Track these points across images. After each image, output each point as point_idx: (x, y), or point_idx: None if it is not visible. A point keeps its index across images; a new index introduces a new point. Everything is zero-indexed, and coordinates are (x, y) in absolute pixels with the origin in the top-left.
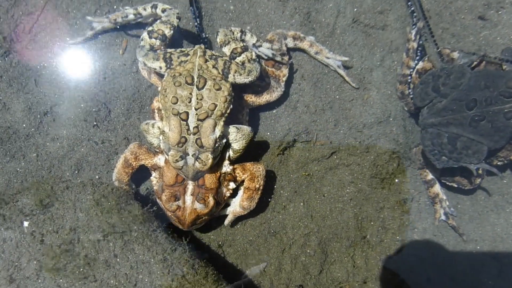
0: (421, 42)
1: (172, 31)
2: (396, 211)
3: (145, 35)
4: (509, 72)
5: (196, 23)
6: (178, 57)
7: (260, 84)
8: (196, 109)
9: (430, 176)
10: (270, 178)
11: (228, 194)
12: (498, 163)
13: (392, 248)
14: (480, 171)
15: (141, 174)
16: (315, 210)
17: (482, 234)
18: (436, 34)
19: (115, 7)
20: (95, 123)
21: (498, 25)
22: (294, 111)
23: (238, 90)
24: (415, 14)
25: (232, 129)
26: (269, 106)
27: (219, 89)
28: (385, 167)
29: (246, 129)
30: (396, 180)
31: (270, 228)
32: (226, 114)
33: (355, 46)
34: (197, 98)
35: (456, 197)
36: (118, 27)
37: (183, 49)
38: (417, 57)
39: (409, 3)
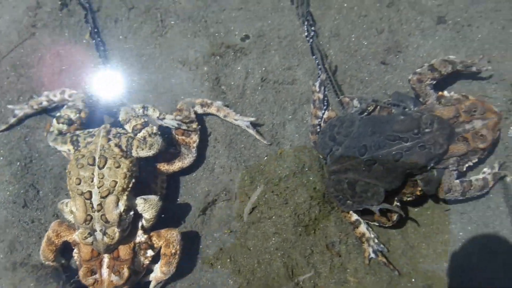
0: (325, 92)
1: (78, 115)
2: (326, 255)
3: (54, 121)
4: (393, 117)
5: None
6: (85, 139)
7: (173, 152)
8: (98, 188)
9: (354, 217)
10: (194, 238)
11: (147, 262)
12: (408, 199)
13: None
14: (395, 208)
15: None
16: (242, 264)
17: (415, 267)
18: (346, 82)
19: (33, 95)
20: (24, 204)
21: (397, 68)
22: (212, 173)
23: (151, 161)
24: (319, 66)
25: (139, 200)
26: (188, 170)
27: (119, 166)
28: (306, 215)
29: (154, 198)
30: (321, 225)
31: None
32: (128, 189)
33: (265, 103)
34: (98, 177)
35: (387, 233)
36: (39, 111)
37: (90, 130)
38: (324, 107)
39: (313, 57)
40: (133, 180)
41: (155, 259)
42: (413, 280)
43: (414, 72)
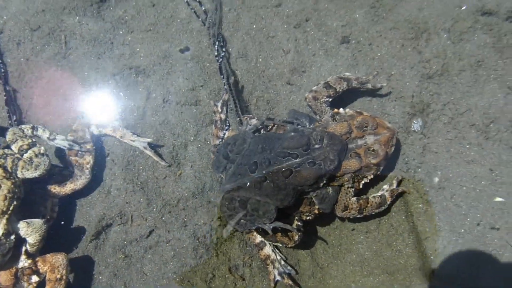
0: (227, 113)
1: None
2: (228, 279)
3: None
4: (284, 134)
5: None
6: None
7: (64, 173)
8: None
9: (258, 239)
10: (86, 264)
11: (31, 287)
12: (307, 218)
13: None
14: (288, 227)
15: None
16: None
17: None
18: (252, 102)
19: None
20: None
21: (301, 88)
22: (108, 196)
23: (41, 183)
24: (224, 82)
25: (21, 224)
26: (83, 193)
27: None
28: (207, 237)
29: (38, 222)
30: (224, 248)
31: None
32: (9, 212)
33: (167, 124)
34: None
35: (296, 255)
36: None
37: None
38: (226, 127)
39: (222, 77)
40: (15, 203)
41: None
42: None
43: (310, 90)
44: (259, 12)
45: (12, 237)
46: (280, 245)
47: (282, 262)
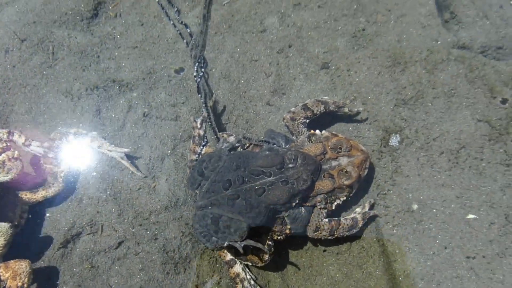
0: (205, 129)
1: None
2: None
3: None
4: (259, 153)
5: None
6: None
7: (37, 181)
8: None
9: (229, 257)
10: (51, 273)
11: None
12: (278, 237)
13: None
14: (259, 245)
15: None
16: None
17: None
18: (231, 121)
19: None
20: None
21: (280, 109)
22: (80, 204)
23: (12, 188)
24: (202, 100)
25: None
26: (55, 201)
27: None
28: (177, 252)
29: (4, 226)
30: (193, 264)
31: None
32: None
33: (145, 137)
34: None
35: (267, 275)
36: None
37: None
38: (203, 143)
39: (199, 95)
40: None
41: None
42: None
43: (289, 111)
44: (244, 37)
45: None
46: (250, 264)
47: (252, 282)
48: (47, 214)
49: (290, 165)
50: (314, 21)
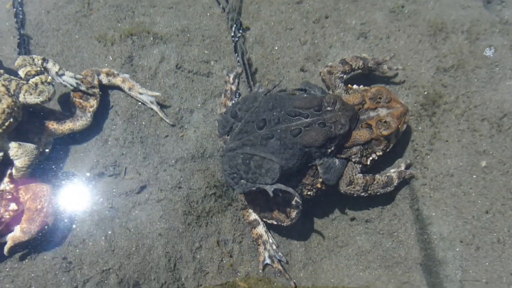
0: (239, 85)
1: None
2: (215, 252)
3: None
4: (295, 96)
5: None
6: None
7: (64, 113)
8: None
9: (252, 217)
10: (68, 210)
11: (7, 216)
12: (309, 192)
13: None
14: (290, 189)
15: None
16: (118, 246)
17: (315, 282)
18: (263, 84)
19: None
20: None
21: (314, 75)
22: (105, 145)
23: (40, 116)
24: (239, 62)
25: (13, 144)
26: (79, 139)
27: None
28: (200, 204)
29: (30, 146)
30: (215, 219)
31: (63, 263)
32: (3, 127)
33: (176, 88)
34: None
35: (290, 245)
36: None
37: None
38: (235, 98)
39: (236, 54)
40: (11, 120)
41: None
42: None
43: (326, 65)
44: (280, 7)
45: (1, 153)
46: (275, 222)
47: (274, 247)
48: (71, 151)
49: (328, 108)
50: None
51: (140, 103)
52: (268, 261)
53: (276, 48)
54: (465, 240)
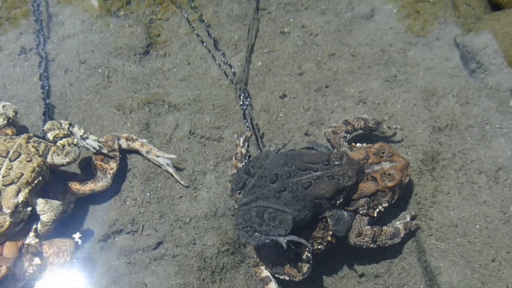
0: (248, 148)
1: (5, 121)
2: None
3: None
4: (304, 152)
5: None
6: (5, 140)
7: (86, 175)
8: (3, 177)
9: (264, 273)
10: (88, 265)
11: (30, 270)
12: (319, 246)
13: None
14: (302, 241)
15: None
16: None
17: None
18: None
19: None
20: None
21: (318, 138)
22: (123, 205)
23: (64, 177)
24: (248, 127)
25: (40, 200)
26: (99, 200)
27: (30, 160)
28: (214, 260)
29: (56, 202)
30: (228, 275)
31: None
32: (33, 184)
33: (190, 152)
34: (6, 168)
35: None
36: None
37: (13, 136)
38: (245, 160)
39: (244, 120)
40: (40, 179)
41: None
42: None
43: (330, 126)
44: (283, 78)
45: (29, 209)
46: (288, 278)
47: None
48: (91, 210)
49: (336, 163)
50: (348, 67)
51: (156, 166)
52: None
53: (281, 115)
54: (474, 287)
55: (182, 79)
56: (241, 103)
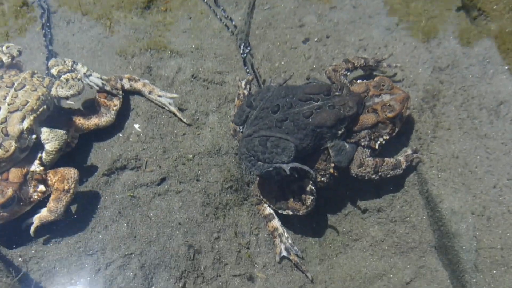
0: (250, 91)
1: (10, 60)
2: (233, 244)
3: None
4: (305, 84)
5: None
6: (9, 76)
7: (90, 113)
8: (8, 104)
9: (267, 211)
10: (93, 197)
11: (35, 196)
12: (322, 178)
13: (229, 285)
14: (306, 167)
15: None
16: (139, 233)
17: (332, 276)
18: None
19: None
20: None
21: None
22: (127, 141)
23: (68, 112)
24: (248, 70)
25: (45, 129)
26: (103, 137)
27: (35, 90)
28: (218, 196)
29: (60, 131)
30: (232, 212)
31: (86, 247)
32: (38, 112)
33: (192, 94)
34: (12, 96)
35: (304, 242)
36: None
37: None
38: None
39: (245, 67)
40: (44, 107)
41: (44, 204)
42: None
43: (330, 65)
44: (284, 31)
45: (33, 136)
46: (291, 213)
47: (290, 241)
48: (95, 147)
49: (337, 93)
50: (349, 18)
51: (158, 107)
52: (284, 253)
53: (283, 63)
54: (476, 212)
55: (183, 31)
56: (241, 52)
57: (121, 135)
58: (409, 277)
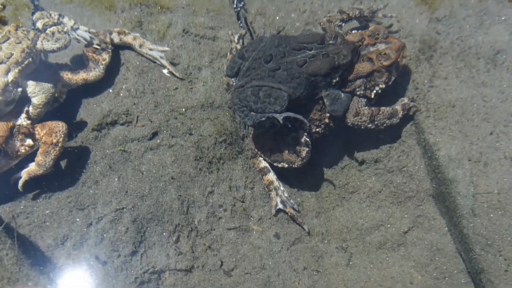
0: (243, 45)
1: None
2: (228, 197)
3: None
4: (299, 34)
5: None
6: None
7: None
8: None
9: (262, 164)
10: (83, 152)
11: (22, 150)
12: (317, 129)
13: (224, 238)
14: (299, 116)
15: None
16: (131, 187)
17: (329, 228)
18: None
19: None
20: None
21: None
22: (117, 96)
23: (54, 67)
24: (241, 25)
25: (31, 82)
26: (92, 92)
27: (19, 43)
28: (211, 150)
29: (47, 85)
30: (226, 166)
31: (77, 202)
32: (22, 64)
33: (184, 49)
34: None
35: (301, 196)
36: None
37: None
38: None
39: (238, 21)
40: (30, 60)
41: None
42: (325, 241)
43: (325, 16)
44: None
45: (19, 89)
46: (287, 165)
47: (286, 194)
48: (84, 103)
49: (331, 42)
50: None
51: (150, 61)
52: (280, 206)
53: (278, 18)
54: (473, 158)
55: None
56: (234, 6)
57: (111, 91)
58: (407, 227)
